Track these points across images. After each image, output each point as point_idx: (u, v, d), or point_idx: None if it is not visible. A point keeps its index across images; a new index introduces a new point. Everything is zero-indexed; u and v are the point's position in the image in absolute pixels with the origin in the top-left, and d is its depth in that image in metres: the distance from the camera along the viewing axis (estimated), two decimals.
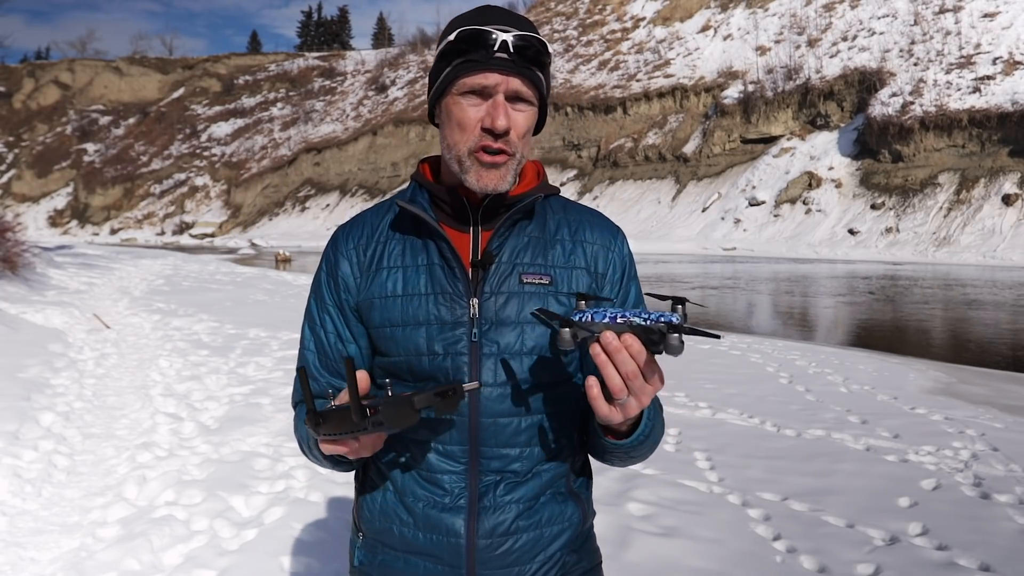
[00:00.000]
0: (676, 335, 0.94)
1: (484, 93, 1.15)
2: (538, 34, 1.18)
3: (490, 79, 1.14)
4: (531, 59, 1.16)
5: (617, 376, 0.98)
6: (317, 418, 1.03)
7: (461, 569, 1.18)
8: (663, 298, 1.05)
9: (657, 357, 1.04)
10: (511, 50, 1.14)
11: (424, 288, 1.19)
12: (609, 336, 0.97)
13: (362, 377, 1.06)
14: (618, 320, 0.97)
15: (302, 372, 1.03)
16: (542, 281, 1.20)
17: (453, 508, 1.18)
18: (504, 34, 1.14)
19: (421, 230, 1.22)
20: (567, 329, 0.99)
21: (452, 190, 1.22)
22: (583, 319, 1.00)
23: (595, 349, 0.98)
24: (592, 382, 1.01)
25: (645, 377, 0.99)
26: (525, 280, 1.19)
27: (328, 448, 1.08)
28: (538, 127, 1.25)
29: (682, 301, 0.98)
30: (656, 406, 1.19)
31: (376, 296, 1.21)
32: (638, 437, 1.13)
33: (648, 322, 0.96)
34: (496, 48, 1.13)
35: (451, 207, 1.23)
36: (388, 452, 1.23)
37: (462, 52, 1.15)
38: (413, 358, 1.18)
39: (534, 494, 1.21)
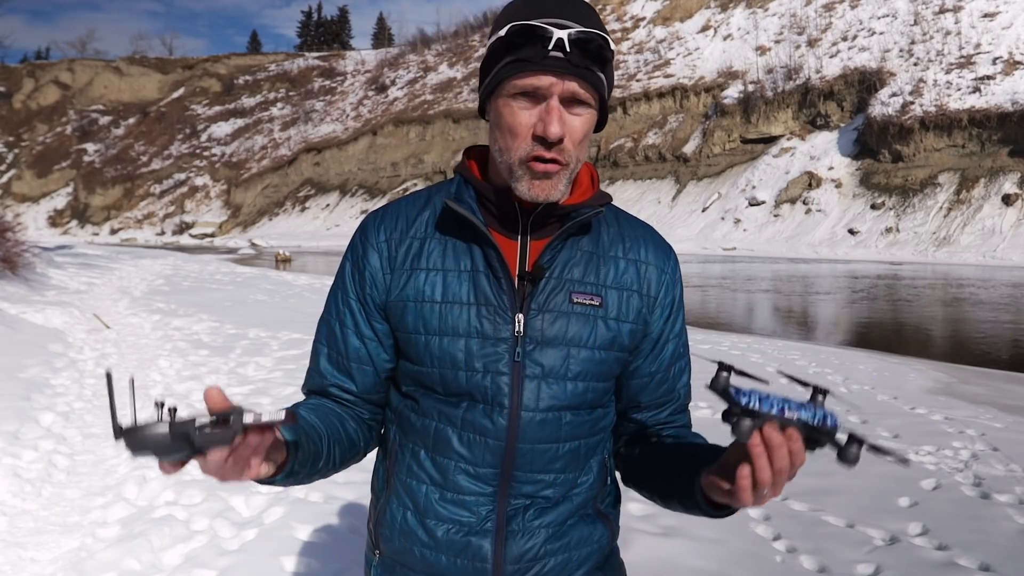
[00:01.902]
0: (855, 446, 0.85)
1: (537, 95, 1.04)
2: (600, 27, 1.06)
3: (543, 81, 1.02)
4: (592, 57, 1.04)
5: (768, 470, 0.90)
6: (119, 431, 0.84)
7: None
8: (802, 384, 0.93)
9: None
10: (568, 49, 1.02)
11: (466, 297, 1.10)
12: (773, 430, 0.88)
13: (216, 396, 0.85)
14: (786, 414, 0.89)
15: (108, 378, 0.85)
16: (593, 302, 1.12)
17: (479, 532, 1.12)
18: (561, 31, 1.01)
19: (466, 232, 1.12)
20: (748, 421, 0.88)
21: (502, 192, 1.11)
22: (749, 404, 0.90)
23: (755, 440, 0.89)
24: (745, 473, 0.91)
25: (790, 474, 0.91)
26: (575, 300, 1.11)
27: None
28: (600, 126, 1.15)
29: (824, 392, 0.90)
30: None
31: (411, 299, 1.12)
32: (733, 510, 1.05)
33: (816, 422, 0.88)
34: (552, 47, 1.01)
35: (500, 211, 1.13)
36: (412, 468, 1.16)
37: (513, 49, 1.04)
38: (448, 371, 1.10)
39: (563, 518, 1.16)
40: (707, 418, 5.72)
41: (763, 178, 49.60)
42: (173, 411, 0.84)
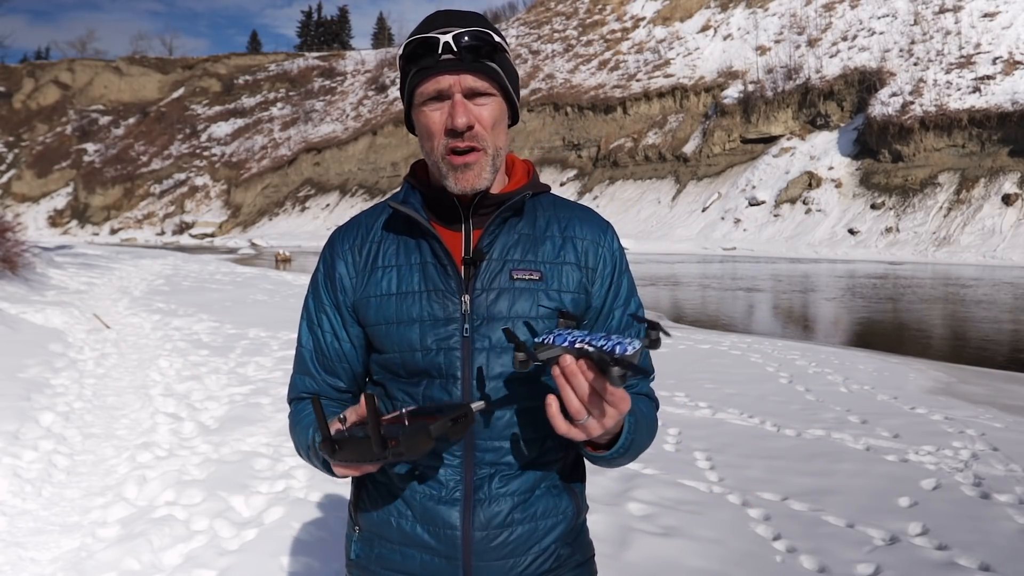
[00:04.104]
0: (617, 368, 0.95)
1: (442, 97, 1.17)
2: (483, 25, 1.20)
3: (442, 82, 1.16)
4: (479, 52, 1.17)
5: (574, 398, 0.99)
6: (333, 445, 1.04)
7: (457, 561, 1.20)
8: (639, 320, 1.10)
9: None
10: (455, 49, 1.15)
11: (417, 286, 1.22)
12: (567, 360, 0.99)
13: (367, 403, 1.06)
14: (576, 345, 0.99)
15: (316, 400, 1.02)
16: (532, 277, 1.22)
17: (449, 500, 1.20)
18: (445, 35, 1.16)
19: (414, 230, 1.25)
20: (519, 353, 1.01)
21: (441, 190, 1.23)
22: (546, 340, 1.02)
23: (555, 371, 1.00)
24: (551, 400, 1.03)
25: (606, 400, 1.00)
26: (515, 276, 1.21)
27: (341, 471, 1.11)
28: (514, 117, 1.26)
29: (655, 326, 1.00)
30: (642, 414, 1.20)
31: (372, 295, 1.24)
32: (617, 451, 1.14)
33: (602, 349, 0.97)
34: (441, 51, 1.15)
35: (442, 207, 1.25)
36: None
37: (413, 62, 1.18)
38: (407, 354, 1.21)
39: (529, 487, 1.23)
40: (708, 418, 5.72)
41: (763, 178, 49.59)
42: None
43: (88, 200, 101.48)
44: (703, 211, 50.72)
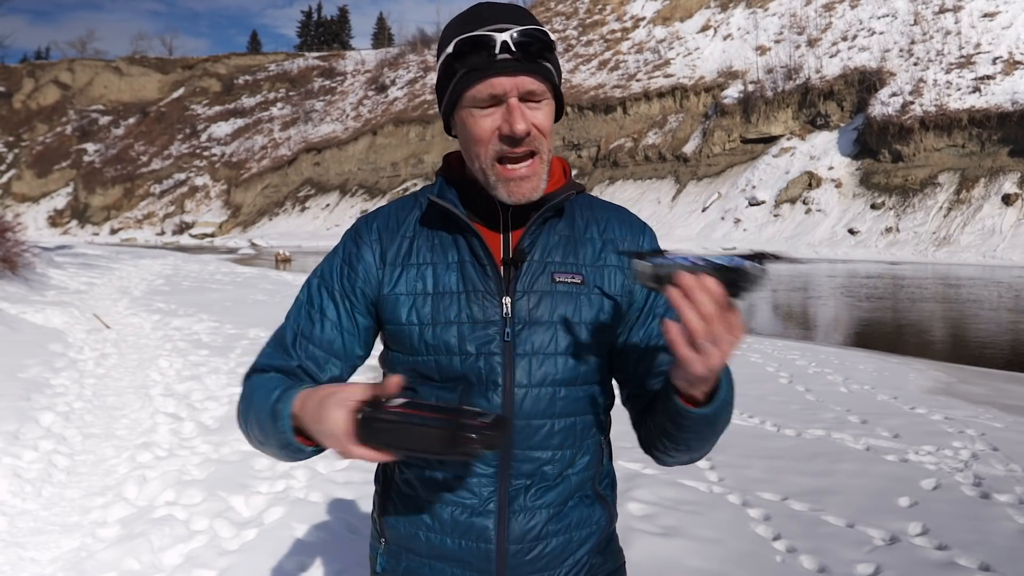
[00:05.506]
0: (752, 263, 0.90)
1: (496, 101, 1.09)
2: (537, 23, 1.12)
3: (498, 86, 1.08)
4: (536, 53, 1.10)
5: (696, 317, 0.91)
6: (383, 424, 0.92)
7: (491, 575, 1.16)
8: (744, 257, 0.96)
9: None
10: (514, 49, 1.07)
11: (456, 286, 1.15)
12: (687, 275, 0.91)
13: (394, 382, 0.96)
14: (696, 261, 0.93)
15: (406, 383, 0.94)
16: (574, 280, 1.17)
17: (482, 512, 1.15)
18: (502, 34, 1.07)
19: (451, 226, 1.17)
20: (643, 262, 0.94)
21: (481, 188, 1.17)
22: (661, 261, 0.96)
23: (671, 292, 0.92)
24: (670, 324, 0.93)
25: (729, 322, 0.92)
26: (557, 279, 1.16)
27: (361, 453, 0.95)
28: (557, 114, 1.19)
29: (762, 256, 0.93)
30: (729, 383, 1.10)
31: (403, 292, 1.16)
32: (720, 402, 1.03)
33: (724, 264, 0.92)
34: (498, 51, 1.07)
35: (480, 205, 1.18)
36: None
37: (463, 61, 1.09)
38: (443, 357, 1.14)
39: (563, 498, 1.18)
40: None
41: (763, 178, 49.58)
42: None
43: (88, 200, 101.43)
44: (703, 211, 50.71)
